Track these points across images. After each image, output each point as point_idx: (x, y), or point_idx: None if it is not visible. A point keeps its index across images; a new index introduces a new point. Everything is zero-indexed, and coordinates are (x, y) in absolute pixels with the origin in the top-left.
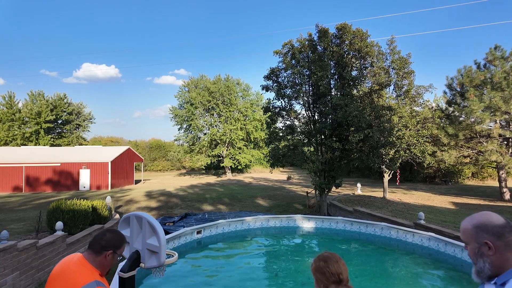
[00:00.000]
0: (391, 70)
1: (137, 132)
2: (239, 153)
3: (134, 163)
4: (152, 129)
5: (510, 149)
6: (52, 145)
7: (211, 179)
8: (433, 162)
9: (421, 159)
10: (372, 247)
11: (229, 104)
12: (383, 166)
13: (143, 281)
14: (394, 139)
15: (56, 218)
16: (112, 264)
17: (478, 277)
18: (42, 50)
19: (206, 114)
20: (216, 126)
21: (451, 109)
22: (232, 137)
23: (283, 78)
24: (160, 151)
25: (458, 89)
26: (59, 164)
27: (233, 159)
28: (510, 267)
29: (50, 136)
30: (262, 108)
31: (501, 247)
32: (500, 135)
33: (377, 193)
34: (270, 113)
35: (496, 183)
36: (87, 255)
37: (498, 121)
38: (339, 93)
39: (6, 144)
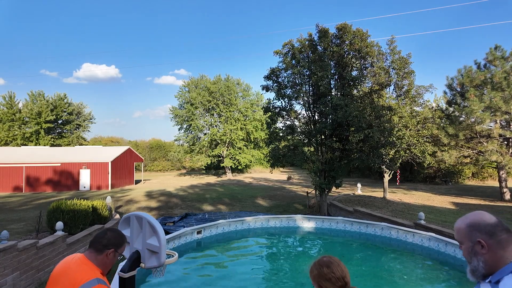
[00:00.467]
0: (391, 70)
1: (137, 132)
2: (239, 153)
3: (134, 163)
4: (152, 129)
5: (510, 149)
6: (52, 145)
7: (211, 179)
8: (433, 162)
9: (421, 159)
10: (372, 247)
11: (229, 104)
12: (383, 166)
13: (143, 281)
14: (394, 139)
15: (57, 218)
16: (113, 263)
17: (473, 276)
18: (42, 50)
19: (206, 114)
20: (216, 126)
21: (451, 109)
22: (232, 137)
23: (283, 78)
24: (160, 151)
25: (458, 89)
26: (59, 164)
27: (233, 159)
28: (503, 265)
29: (50, 136)
30: (262, 108)
31: (493, 245)
32: (500, 135)
33: (377, 193)
34: (270, 113)
35: (496, 183)
36: (88, 254)
37: (498, 121)
38: (339, 93)
39: (6, 144)
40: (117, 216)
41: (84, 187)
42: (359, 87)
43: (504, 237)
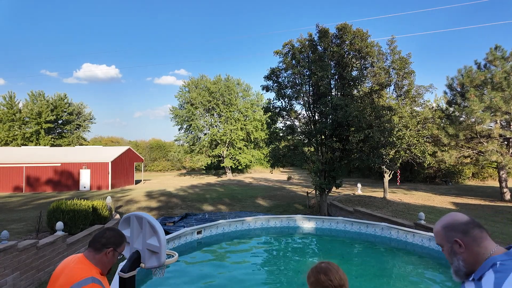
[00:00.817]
0: (391, 70)
1: (138, 132)
2: (240, 153)
3: (135, 163)
4: (152, 129)
5: (510, 149)
6: (52, 145)
7: (212, 179)
8: (433, 162)
9: (421, 159)
10: (372, 247)
11: (229, 104)
12: (384, 166)
13: (144, 281)
14: (394, 139)
15: (57, 218)
16: (113, 262)
17: (457, 277)
18: (43, 50)
19: (206, 114)
20: (216, 126)
21: (451, 109)
22: (232, 137)
23: (283, 78)
24: (161, 151)
25: (459, 89)
26: (59, 164)
27: (234, 159)
28: (482, 261)
29: (50, 136)
30: (262, 108)
31: (469, 243)
32: (500, 135)
33: (378, 193)
34: (270, 113)
35: (496, 183)
36: (87, 253)
37: (498, 121)
38: (339, 93)
39: (6, 144)
40: (117, 216)
41: (84, 187)
42: (359, 87)
43: (477, 233)
